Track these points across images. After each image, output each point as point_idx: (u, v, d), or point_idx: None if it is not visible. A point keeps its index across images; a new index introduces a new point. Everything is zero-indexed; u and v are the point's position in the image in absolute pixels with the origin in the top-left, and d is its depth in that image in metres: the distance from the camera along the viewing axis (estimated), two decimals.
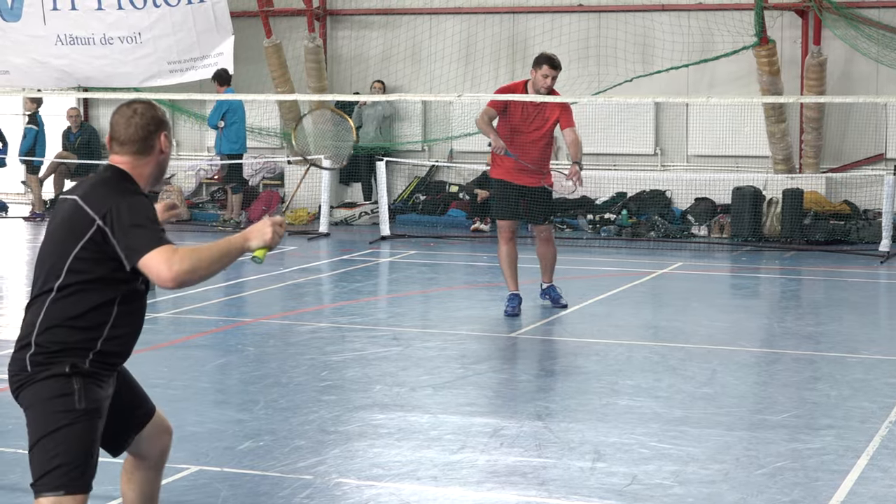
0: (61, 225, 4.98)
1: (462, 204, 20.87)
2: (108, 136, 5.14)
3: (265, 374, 10.01)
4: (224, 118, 20.20)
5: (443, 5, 21.76)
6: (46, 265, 5.00)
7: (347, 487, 7.03)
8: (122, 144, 5.05)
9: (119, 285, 4.98)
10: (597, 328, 12.00)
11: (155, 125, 5.07)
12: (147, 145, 5.06)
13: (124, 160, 5.06)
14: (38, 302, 5.01)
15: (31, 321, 5.01)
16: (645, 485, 7.03)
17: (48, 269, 4.98)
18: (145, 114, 5.06)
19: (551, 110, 12.38)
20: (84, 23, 22.15)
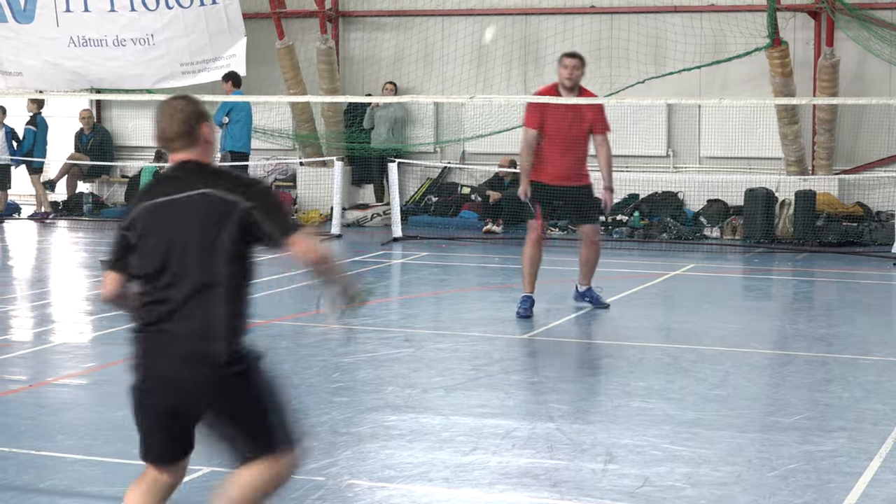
0: (203, 219, 5.12)
1: (474, 205, 20.87)
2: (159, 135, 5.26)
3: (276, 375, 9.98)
4: (228, 115, 20.25)
5: (455, 7, 21.76)
6: (196, 261, 5.12)
7: (359, 489, 7.04)
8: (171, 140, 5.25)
9: (252, 266, 5.32)
10: (609, 330, 12.00)
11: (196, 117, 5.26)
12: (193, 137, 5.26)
13: (192, 153, 5.27)
14: (205, 297, 5.14)
15: (211, 316, 5.15)
16: (657, 486, 7.03)
17: (204, 265, 5.13)
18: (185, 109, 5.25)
19: (587, 108, 12.41)
20: (97, 24, 22.19)
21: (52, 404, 9.21)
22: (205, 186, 5.16)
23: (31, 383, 9.80)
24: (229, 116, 20.25)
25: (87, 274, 15.68)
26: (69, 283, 15.51)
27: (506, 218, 19.94)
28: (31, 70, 22.92)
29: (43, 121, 22.86)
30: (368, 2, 22.28)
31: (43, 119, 22.89)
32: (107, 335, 11.72)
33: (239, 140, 20.42)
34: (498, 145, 21.01)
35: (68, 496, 6.94)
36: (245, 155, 20.61)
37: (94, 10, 22.09)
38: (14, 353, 10.91)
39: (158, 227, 5.18)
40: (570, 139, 12.33)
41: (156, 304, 5.21)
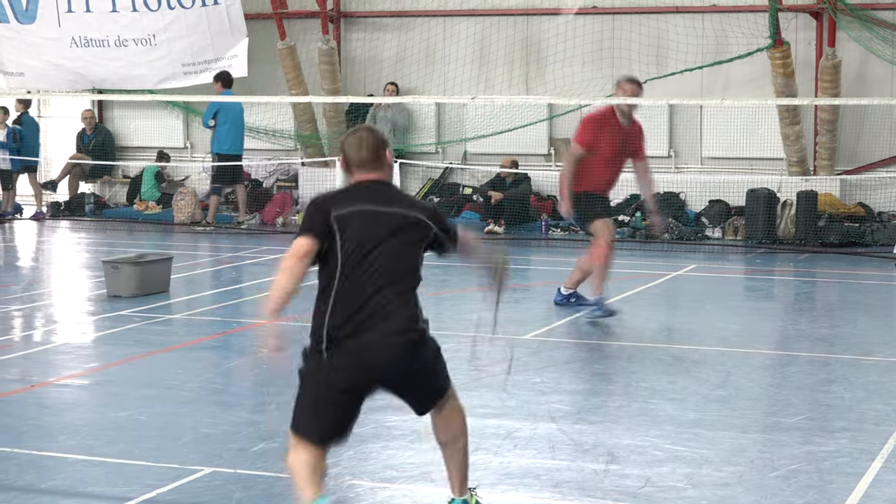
0: (406, 234, 6.22)
1: (476, 206, 20.87)
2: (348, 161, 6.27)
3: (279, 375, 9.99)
4: (216, 118, 20.23)
5: (457, 7, 21.76)
6: (401, 267, 6.25)
7: (361, 489, 7.05)
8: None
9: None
10: (611, 330, 11.99)
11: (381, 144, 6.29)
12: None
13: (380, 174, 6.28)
14: (407, 297, 6.30)
15: (412, 312, 6.34)
16: (659, 487, 7.03)
17: (405, 271, 6.29)
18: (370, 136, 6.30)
19: (637, 133, 12.62)
20: (98, 25, 22.21)
21: (54, 404, 9.22)
22: (408, 207, 6.29)
23: (34, 383, 9.81)
24: (216, 118, 20.21)
25: (88, 274, 15.68)
26: (71, 284, 15.51)
27: (507, 218, 19.94)
28: (33, 70, 22.94)
29: (31, 120, 22.83)
30: (370, 2, 22.28)
31: (31, 118, 22.87)
32: (109, 335, 11.73)
33: (225, 142, 20.38)
34: (500, 146, 21.01)
35: (70, 496, 6.95)
36: (233, 157, 20.56)
37: (96, 10, 22.10)
38: (16, 353, 10.92)
39: (379, 230, 6.12)
40: (617, 160, 12.52)
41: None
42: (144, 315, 12.57)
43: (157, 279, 13.91)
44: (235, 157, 20.62)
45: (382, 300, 6.09)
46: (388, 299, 6.12)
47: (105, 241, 19.19)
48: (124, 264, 13.73)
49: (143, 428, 8.33)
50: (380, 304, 6.09)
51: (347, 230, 6.04)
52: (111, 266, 13.81)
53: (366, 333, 6.03)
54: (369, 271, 6.06)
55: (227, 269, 16.29)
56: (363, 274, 6.06)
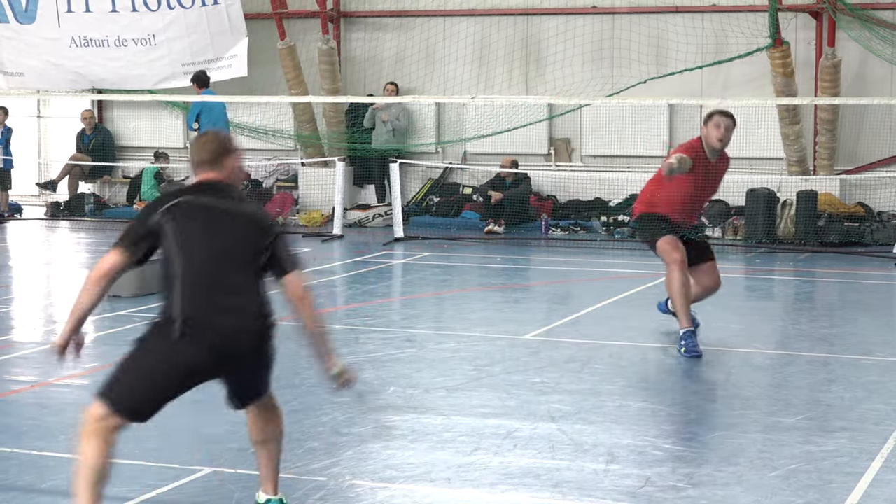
0: (244, 227, 6.17)
1: (476, 206, 20.88)
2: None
3: (278, 375, 9.91)
4: (199, 119, 20.21)
5: (456, 7, 21.77)
6: (242, 255, 6.15)
7: (361, 489, 7.05)
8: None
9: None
10: (611, 330, 12.00)
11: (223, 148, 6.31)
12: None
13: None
14: (254, 286, 6.18)
15: (262, 301, 6.22)
16: (658, 487, 7.04)
17: (246, 259, 6.16)
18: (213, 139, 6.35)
19: (723, 166, 11.46)
20: (98, 25, 22.21)
21: (55, 405, 9.22)
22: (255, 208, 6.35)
23: (34, 384, 9.81)
24: (199, 120, 20.16)
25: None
26: (71, 284, 15.51)
27: (507, 218, 19.95)
28: (33, 70, 22.94)
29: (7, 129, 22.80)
30: (370, 2, 22.29)
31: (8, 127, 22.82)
32: (108, 336, 11.74)
33: None
34: (500, 145, 21.01)
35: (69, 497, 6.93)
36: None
37: (96, 10, 22.10)
38: (16, 353, 10.93)
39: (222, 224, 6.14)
40: (707, 196, 11.78)
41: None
42: (144, 315, 12.55)
43: (156, 279, 13.87)
44: None
45: (232, 286, 6.11)
46: (237, 286, 6.12)
47: (105, 242, 19.18)
48: None
49: (142, 428, 8.27)
50: (231, 290, 6.11)
51: (182, 221, 6.07)
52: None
53: (220, 317, 6.03)
54: (211, 259, 6.08)
55: None
56: (206, 261, 6.07)
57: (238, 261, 6.14)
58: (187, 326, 5.96)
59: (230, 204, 6.21)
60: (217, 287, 6.05)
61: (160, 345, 6.06)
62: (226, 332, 6.03)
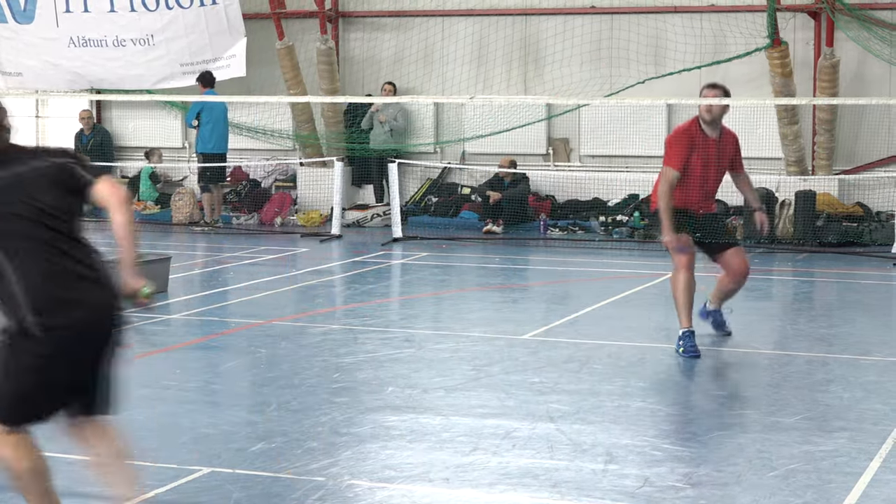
0: (49, 185, 5.84)
1: (474, 206, 20.87)
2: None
3: (277, 375, 10.02)
4: (199, 117, 20.32)
5: (455, 7, 21.76)
6: (60, 225, 6.04)
7: (360, 489, 7.04)
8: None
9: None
10: (609, 330, 12.00)
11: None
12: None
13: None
14: (86, 257, 6.13)
15: (106, 275, 6.10)
16: (657, 487, 7.03)
17: (64, 229, 6.02)
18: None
19: (729, 143, 11.41)
20: (97, 25, 22.20)
21: None
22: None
23: None
24: (199, 118, 20.30)
25: None
26: None
27: (506, 218, 19.95)
28: (31, 70, 22.93)
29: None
30: (368, 2, 22.28)
31: None
32: None
33: (209, 141, 20.50)
34: (498, 146, 21.01)
35: (68, 497, 6.93)
36: (218, 156, 20.65)
37: (94, 10, 22.09)
38: None
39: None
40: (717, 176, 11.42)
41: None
42: (142, 315, 12.55)
43: (155, 279, 13.89)
44: (220, 157, 20.71)
45: (70, 268, 5.87)
46: (73, 267, 5.88)
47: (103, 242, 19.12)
48: None
49: (141, 428, 8.32)
50: (74, 274, 5.88)
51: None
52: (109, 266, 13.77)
53: (73, 309, 5.83)
54: (30, 239, 5.77)
55: (226, 270, 16.29)
56: (25, 242, 5.76)
57: (60, 231, 5.78)
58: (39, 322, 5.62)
59: (16, 169, 5.72)
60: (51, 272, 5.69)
61: (21, 348, 5.68)
62: (79, 317, 5.75)
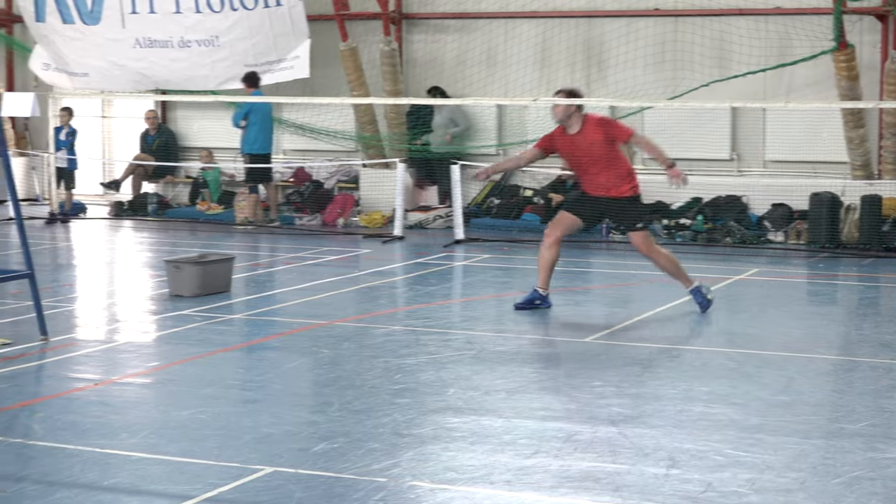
0: None
1: (536, 208, 20.84)
2: None
3: (339, 376, 10.05)
4: (247, 118, 20.49)
5: (518, 9, 21.74)
6: None
7: (421, 491, 7.05)
8: None
9: None
10: (672, 334, 11.94)
11: None
12: None
13: None
14: None
15: None
16: (720, 492, 6.99)
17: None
18: None
19: (590, 133, 12.81)
20: (162, 26, 22.37)
21: (117, 403, 9.29)
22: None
23: (97, 382, 9.89)
24: (247, 119, 20.48)
25: (151, 273, 15.80)
26: (134, 283, 15.64)
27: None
28: (98, 71, 23.15)
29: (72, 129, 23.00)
30: (432, 4, 22.31)
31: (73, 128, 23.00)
32: (170, 335, 11.81)
33: (255, 142, 20.71)
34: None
35: (132, 494, 7.00)
36: (264, 156, 20.85)
37: (160, 11, 22.27)
38: (80, 351, 11.02)
39: None
40: (590, 163, 12.86)
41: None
42: (206, 315, 12.64)
43: (218, 279, 14.00)
44: (265, 157, 20.88)
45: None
46: None
47: (167, 241, 19.33)
48: (186, 264, 13.83)
49: (204, 427, 8.38)
50: None
51: None
52: (173, 266, 13.91)
53: None
54: None
55: (288, 270, 16.35)
56: None
57: None
58: None
59: None
60: None
61: None
62: None
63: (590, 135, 12.76)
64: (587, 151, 12.74)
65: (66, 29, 23.06)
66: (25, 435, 8.29)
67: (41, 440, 8.07)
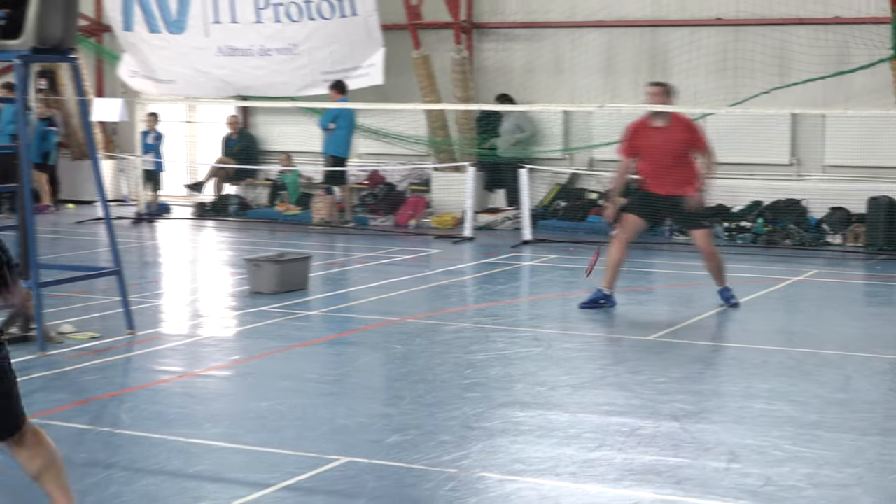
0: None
1: (601, 210, 20.76)
2: None
3: (411, 370, 10.08)
4: (334, 122, 20.64)
5: (585, 19, 21.67)
6: None
7: (490, 481, 7.05)
8: None
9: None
10: (733, 333, 11.86)
11: None
12: None
13: None
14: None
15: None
16: (779, 486, 6.94)
17: None
18: None
19: (676, 131, 13.08)
20: (243, 35, 22.51)
21: (200, 394, 9.37)
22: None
23: (181, 374, 9.98)
24: (335, 122, 20.64)
25: (232, 271, 15.91)
26: (216, 280, 15.76)
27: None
28: (183, 78, 23.32)
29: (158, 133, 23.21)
30: (502, 14, 22.29)
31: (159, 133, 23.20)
32: (250, 330, 11.89)
33: (341, 146, 20.91)
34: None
35: (214, 481, 7.06)
36: (344, 160, 21.01)
37: (242, 21, 22.41)
38: (165, 345, 11.12)
39: None
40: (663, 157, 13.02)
41: None
42: (284, 311, 12.71)
43: (296, 277, 14.07)
44: (344, 161, 21.06)
45: None
46: None
47: (248, 241, 19.45)
48: (266, 263, 13.92)
49: (282, 418, 8.43)
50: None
51: None
52: (253, 264, 14.00)
53: None
54: None
55: (362, 269, 16.41)
56: None
57: None
58: None
59: None
60: None
61: None
62: None
63: (675, 132, 13.01)
64: (667, 147, 12.93)
65: (153, 38, 23.26)
66: (114, 424, 8.38)
67: (128, 429, 8.16)
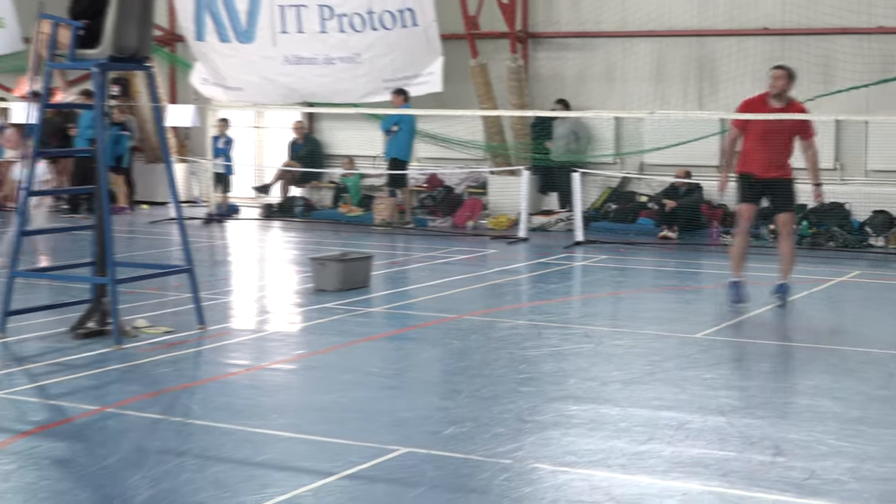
0: None
1: (651, 213, 20.68)
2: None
3: (468, 365, 10.08)
4: (397, 126, 20.72)
5: (636, 29, 21.58)
6: None
7: (543, 472, 7.04)
8: None
9: None
10: (778, 331, 11.77)
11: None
12: None
13: None
14: None
15: None
16: (822, 479, 6.88)
17: None
18: None
19: (793, 113, 13.15)
20: (309, 44, 22.60)
21: (266, 387, 9.42)
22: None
23: (248, 367, 10.03)
24: (398, 126, 20.73)
25: (297, 270, 15.97)
26: (282, 278, 15.83)
27: (680, 225, 19.73)
28: (251, 85, 23.45)
29: (228, 138, 23.32)
30: (555, 24, 22.24)
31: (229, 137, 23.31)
32: (314, 326, 11.93)
33: (403, 149, 21.08)
34: (674, 157, 20.77)
35: (281, 469, 7.09)
36: (404, 163, 21.09)
37: (307, 31, 22.50)
38: (234, 339, 11.18)
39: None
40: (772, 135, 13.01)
41: None
42: (347, 308, 12.75)
43: (358, 275, 14.11)
44: (405, 164, 21.13)
45: None
46: None
47: (312, 240, 19.52)
48: (329, 261, 13.96)
49: (345, 410, 8.46)
50: None
51: None
52: (318, 263, 14.05)
53: None
54: None
55: (421, 268, 16.43)
56: None
57: None
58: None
59: None
60: None
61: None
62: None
63: (792, 115, 13.06)
64: (780, 127, 12.95)
65: (223, 47, 23.40)
66: (185, 414, 8.44)
67: (199, 419, 8.22)
